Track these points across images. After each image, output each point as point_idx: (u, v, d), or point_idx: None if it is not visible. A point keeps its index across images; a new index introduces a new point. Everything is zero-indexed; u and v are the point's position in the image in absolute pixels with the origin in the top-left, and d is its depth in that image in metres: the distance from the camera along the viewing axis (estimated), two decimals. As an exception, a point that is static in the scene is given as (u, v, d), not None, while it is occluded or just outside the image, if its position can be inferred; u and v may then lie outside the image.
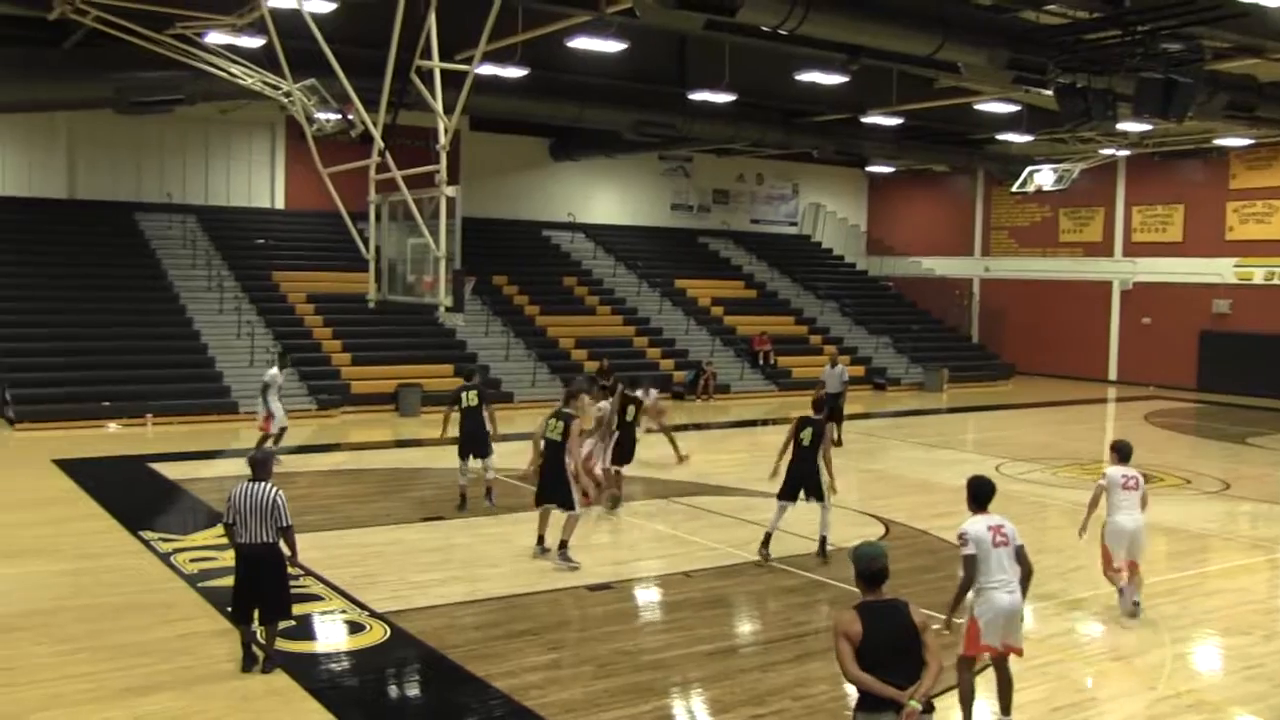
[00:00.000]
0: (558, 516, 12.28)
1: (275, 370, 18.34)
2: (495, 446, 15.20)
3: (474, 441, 15.02)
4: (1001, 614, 7.63)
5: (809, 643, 9.87)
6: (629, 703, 8.38)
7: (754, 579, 12.14)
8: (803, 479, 12.52)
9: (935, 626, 6.21)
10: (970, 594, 7.71)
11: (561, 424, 12.12)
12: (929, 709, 5.67)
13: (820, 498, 12.55)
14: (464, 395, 15.18)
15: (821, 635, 10.06)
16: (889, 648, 5.67)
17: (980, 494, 7.88)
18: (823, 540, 12.69)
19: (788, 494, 12.61)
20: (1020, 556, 7.73)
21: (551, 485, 12.18)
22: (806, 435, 12.52)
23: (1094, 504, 10.97)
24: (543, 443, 12.23)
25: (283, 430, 18.41)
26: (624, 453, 15.36)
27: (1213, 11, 16.10)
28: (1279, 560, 13.92)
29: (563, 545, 12.14)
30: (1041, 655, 9.63)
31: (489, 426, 15.19)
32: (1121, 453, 11.03)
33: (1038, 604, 11.17)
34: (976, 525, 7.72)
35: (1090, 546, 11.40)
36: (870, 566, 5.87)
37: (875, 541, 6.40)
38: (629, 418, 15.44)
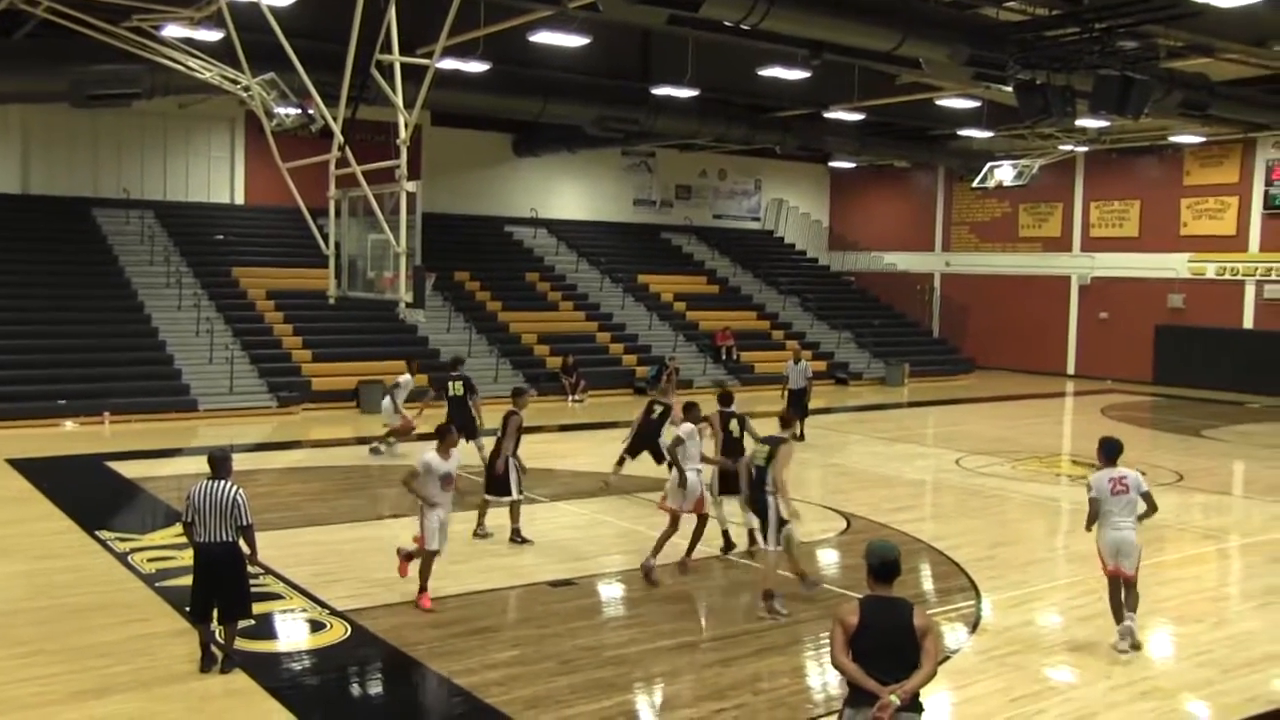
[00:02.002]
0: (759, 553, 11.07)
1: (406, 376, 18.81)
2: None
3: (462, 427, 15.24)
4: (1112, 544, 9.62)
5: (770, 637, 9.92)
6: (591, 698, 8.39)
7: (715, 574, 12.18)
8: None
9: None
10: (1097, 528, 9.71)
11: (768, 448, 10.70)
12: (916, 708, 5.75)
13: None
14: (450, 384, 16.40)
15: (782, 629, 10.14)
16: (881, 644, 5.76)
17: (1107, 451, 9.79)
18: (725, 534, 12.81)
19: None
20: (1146, 499, 9.63)
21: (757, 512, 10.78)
22: (734, 426, 12.73)
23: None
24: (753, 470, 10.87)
25: (391, 431, 18.90)
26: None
27: (1167, 10, 16.32)
28: (1229, 550, 14.16)
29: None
30: (1000, 647, 9.75)
31: (475, 414, 16.26)
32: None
33: (997, 595, 11.31)
34: (1100, 476, 9.68)
35: (1049, 539, 11.53)
36: (880, 560, 6.00)
37: (886, 540, 6.46)
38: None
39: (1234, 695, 8.76)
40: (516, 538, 13.06)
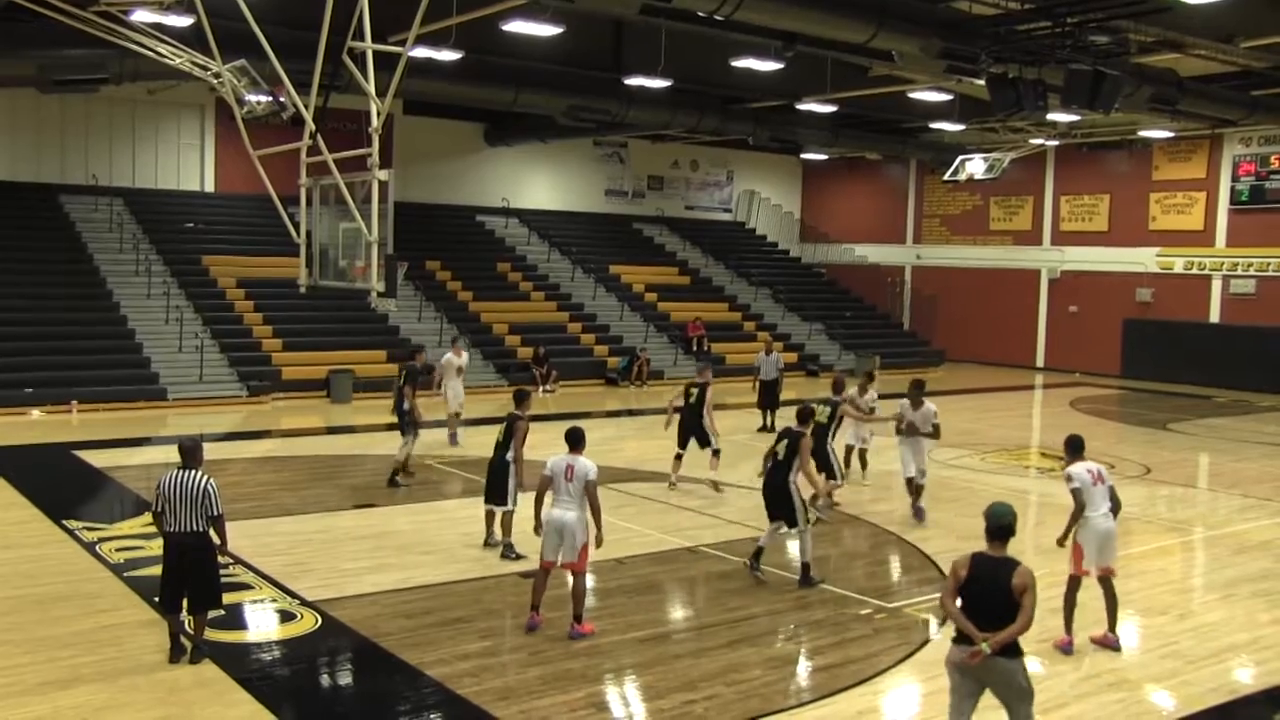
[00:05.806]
0: None
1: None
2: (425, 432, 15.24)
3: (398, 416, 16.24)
4: (1100, 536, 9.54)
5: (742, 628, 9.95)
6: (562, 689, 8.40)
7: (687, 565, 12.20)
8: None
9: None
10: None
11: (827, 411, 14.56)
12: (1014, 653, 6.56)
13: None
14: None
15: (753, 621, 10.18)
16: (982, 596, 6.61)
17: (1074, 446, 9.86)
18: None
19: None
20: (1112, 492, 9.70)
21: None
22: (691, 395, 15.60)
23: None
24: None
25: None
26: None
27: (1137, 5, 16.46)
28: (1193, 542, 14.31)
29: None
30: (969, 638, 9.80)
31: (407, 404, 15.99)
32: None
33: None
34: (1078, 467, 9.64)
35: (1018, 531, 11.63)
36: (996, 523, 6.88)
37: (1004, 503, 7.13)
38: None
39: (1199, 685, 8.87)
40: (509, 553, 11.94)
